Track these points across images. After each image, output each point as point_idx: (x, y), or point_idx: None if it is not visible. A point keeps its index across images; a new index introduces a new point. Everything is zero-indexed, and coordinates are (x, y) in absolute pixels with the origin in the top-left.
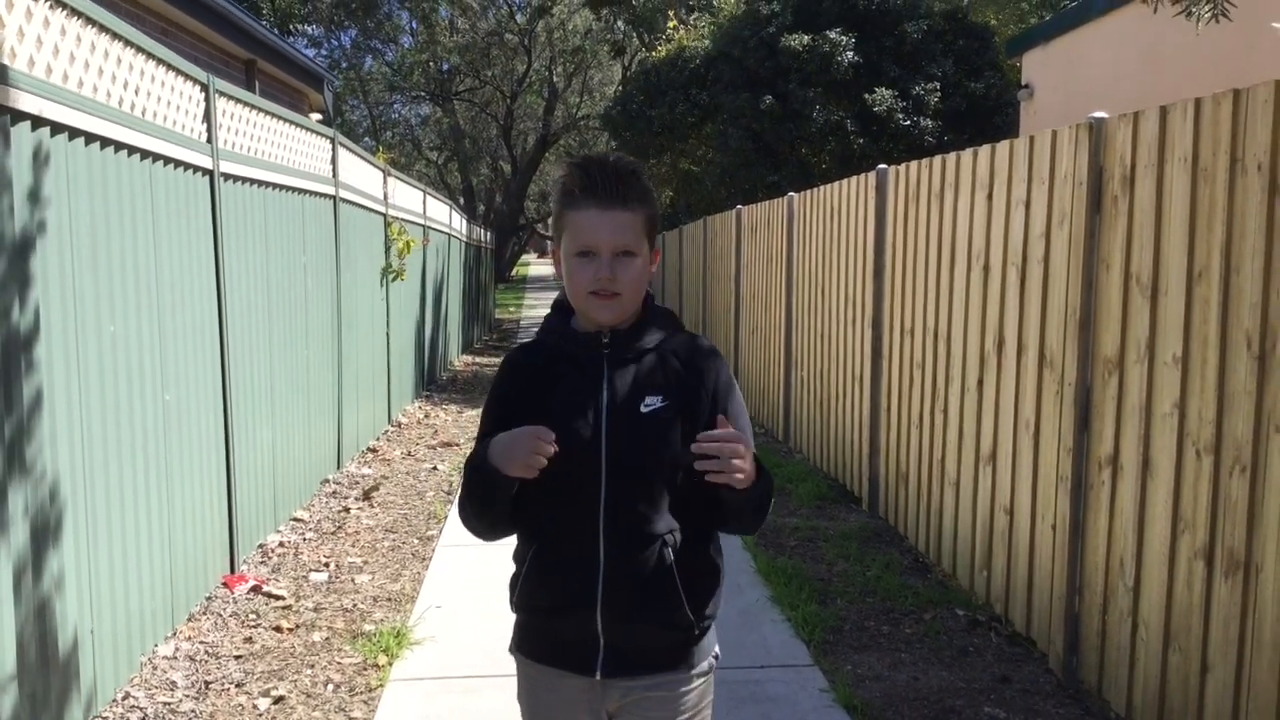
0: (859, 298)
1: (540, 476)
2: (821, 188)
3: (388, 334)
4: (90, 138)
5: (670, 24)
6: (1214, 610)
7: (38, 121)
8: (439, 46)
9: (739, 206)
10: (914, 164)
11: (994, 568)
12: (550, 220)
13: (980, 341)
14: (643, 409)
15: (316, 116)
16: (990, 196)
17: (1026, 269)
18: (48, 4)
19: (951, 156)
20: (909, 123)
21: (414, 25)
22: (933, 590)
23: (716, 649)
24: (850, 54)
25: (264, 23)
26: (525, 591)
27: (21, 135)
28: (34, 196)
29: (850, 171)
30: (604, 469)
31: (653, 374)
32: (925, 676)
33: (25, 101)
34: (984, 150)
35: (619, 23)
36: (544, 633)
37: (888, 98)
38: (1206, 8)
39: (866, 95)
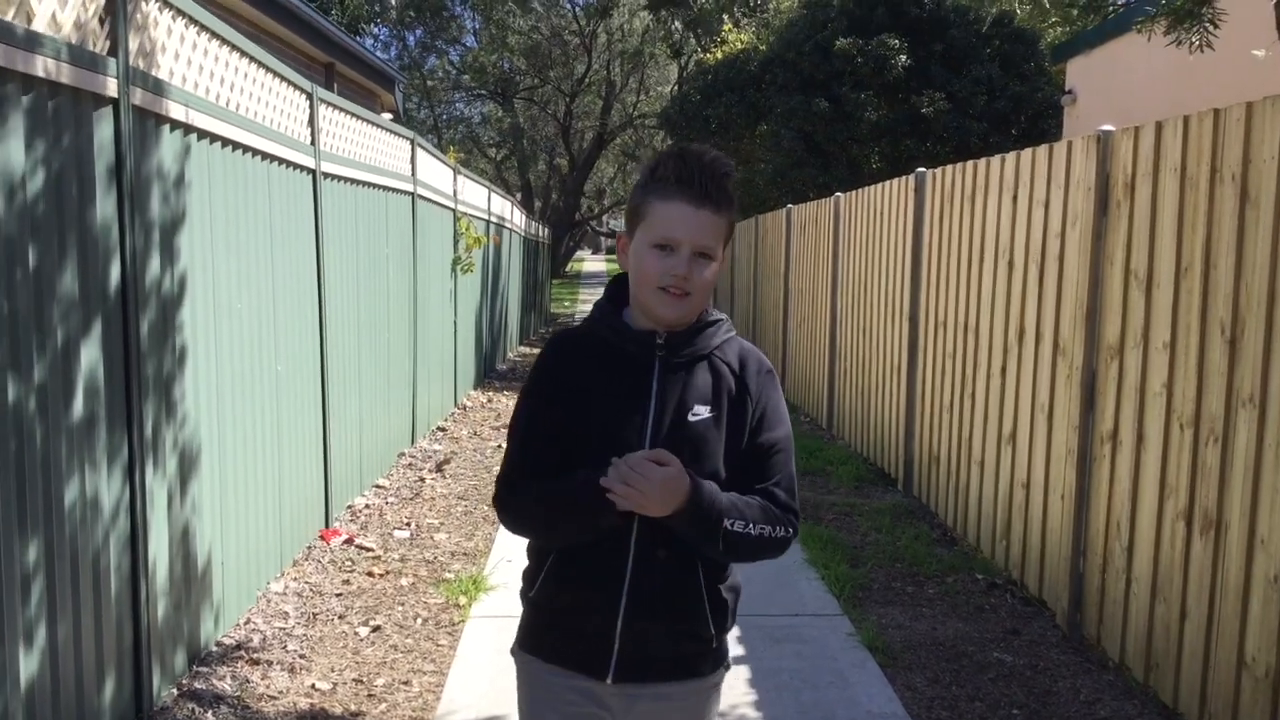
0: (898, 293)
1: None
2: (866, 189)
3: (455, 323)
4: (224, 141)
5: (725, 27)
6: (1192, 564)
7: (188, 129)
8: (504, 48)
9: (789, 206)
10: (949, 168)
11: (1012, 537)
12: (628, 207)
13: (1004, 332)
14: (690, 418)
15: (388, 116)
16: (1015, 199)
17: (1045, 265)
18: (195, 28)
19: (982, 162)
20: (956, 124)
21: (476, 26)
22: (957, 558)
23: (729, 658)
24: (903, 58)
25: (332, 20)
26: (546, 591)
27: (175, 139)
28: (181, 189)
29: (899, 172)
30: None
31: (703, 382)
32: (943, 627)
33: (175, 110)
34: (1010, 157)
35: (676, 23)
36: (558, 633)
37: (936, 100)
38: (1194, 36)
39: (915, 97)
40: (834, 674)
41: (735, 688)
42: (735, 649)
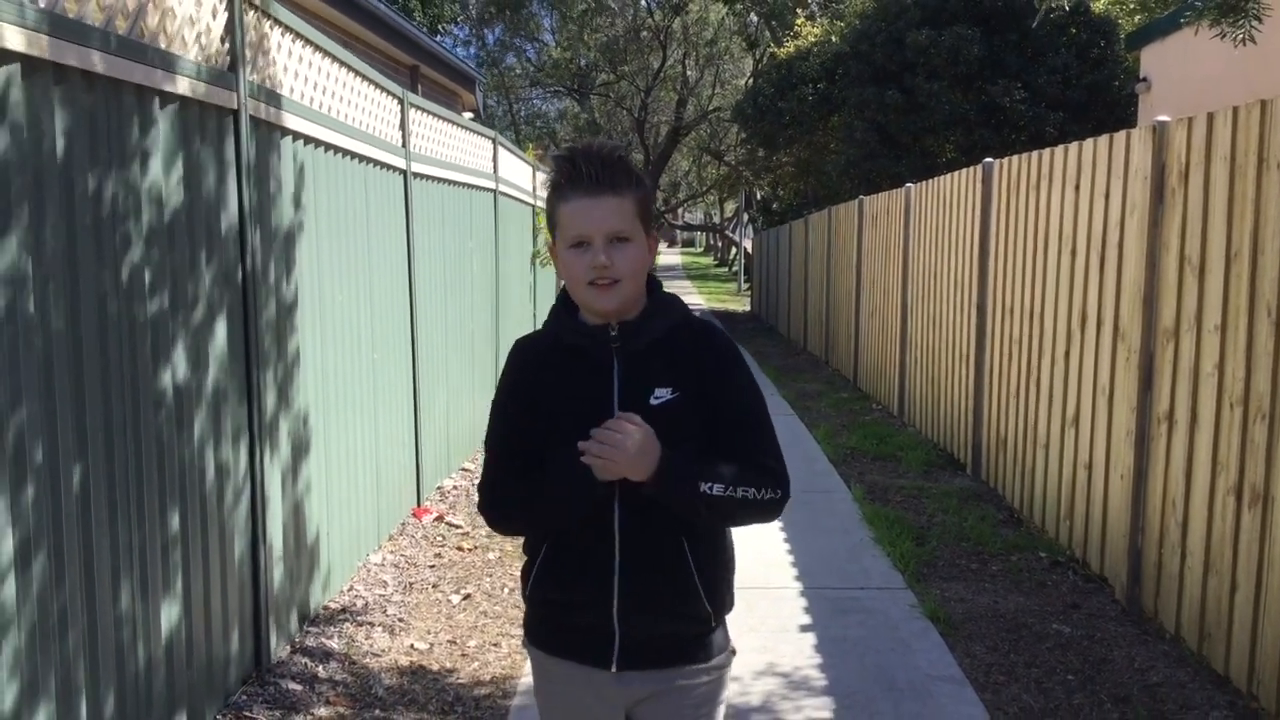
0: (966, 282)
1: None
2: (936, 179)
3: (534, 314)
4: (328, 146)
5: (799, 20)
6: (1241, 538)
7: (297, 135)
8: (581, 44)
9: (861, 197)
10: (1015, 158)
11: (1074, 517)
12: (545, 216)
13: (1067, 318)
14: (653, 402)
15: (469, 115)
16: (1078, 188)
17: (1105, 252)
18: (301, 43)
19: (1046, 152)
20: (1031, 114)
21: (554, 24)
22: (1021, 538)
23: (732, 644)
24: (977, 48)
25: (415, 23)
26: (539, 585)
27: (288, 146)
28: (291, 190)
29: (973, 163)
30: None
31: (662, 365)
32: (1004, 601)
33: (287, 120)
34: (1073, 147)
35: (752, 16)
36: (558, 626)
37: (1010, 89)
38: (1238, 34)
39: (990, 87)
40: (896, 641)
41: (801, 651)
42: (802, 618)
